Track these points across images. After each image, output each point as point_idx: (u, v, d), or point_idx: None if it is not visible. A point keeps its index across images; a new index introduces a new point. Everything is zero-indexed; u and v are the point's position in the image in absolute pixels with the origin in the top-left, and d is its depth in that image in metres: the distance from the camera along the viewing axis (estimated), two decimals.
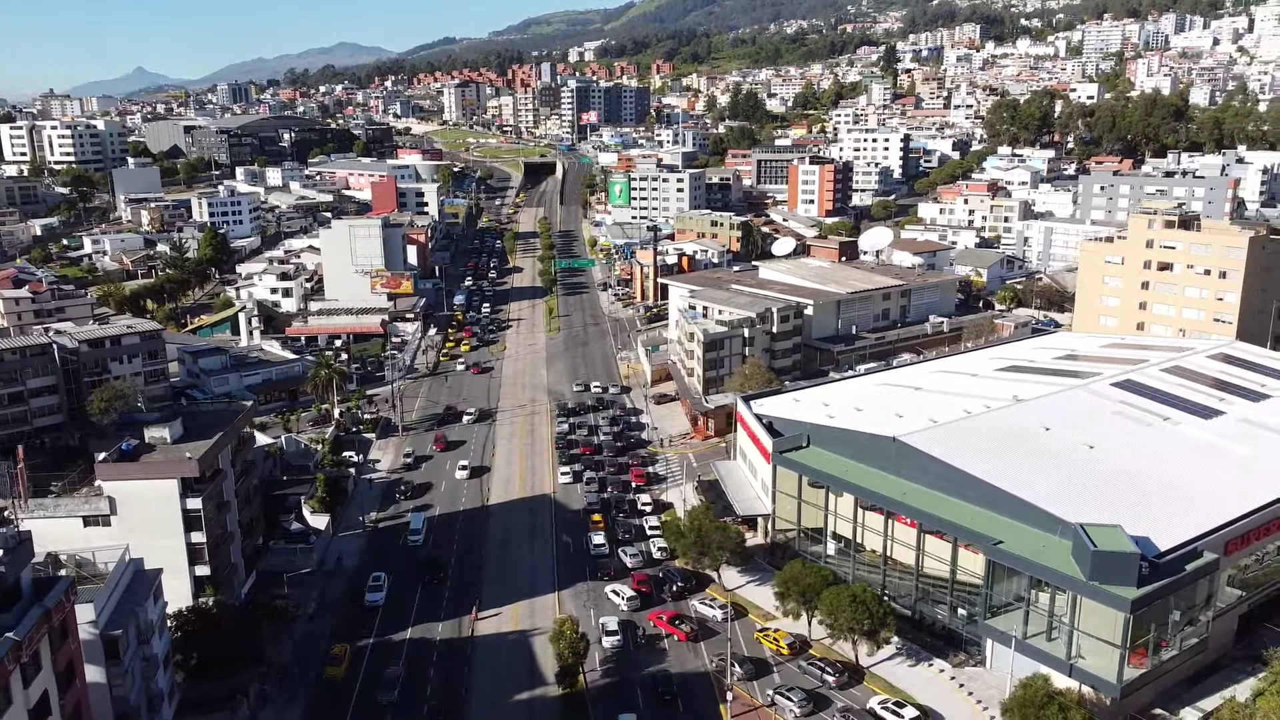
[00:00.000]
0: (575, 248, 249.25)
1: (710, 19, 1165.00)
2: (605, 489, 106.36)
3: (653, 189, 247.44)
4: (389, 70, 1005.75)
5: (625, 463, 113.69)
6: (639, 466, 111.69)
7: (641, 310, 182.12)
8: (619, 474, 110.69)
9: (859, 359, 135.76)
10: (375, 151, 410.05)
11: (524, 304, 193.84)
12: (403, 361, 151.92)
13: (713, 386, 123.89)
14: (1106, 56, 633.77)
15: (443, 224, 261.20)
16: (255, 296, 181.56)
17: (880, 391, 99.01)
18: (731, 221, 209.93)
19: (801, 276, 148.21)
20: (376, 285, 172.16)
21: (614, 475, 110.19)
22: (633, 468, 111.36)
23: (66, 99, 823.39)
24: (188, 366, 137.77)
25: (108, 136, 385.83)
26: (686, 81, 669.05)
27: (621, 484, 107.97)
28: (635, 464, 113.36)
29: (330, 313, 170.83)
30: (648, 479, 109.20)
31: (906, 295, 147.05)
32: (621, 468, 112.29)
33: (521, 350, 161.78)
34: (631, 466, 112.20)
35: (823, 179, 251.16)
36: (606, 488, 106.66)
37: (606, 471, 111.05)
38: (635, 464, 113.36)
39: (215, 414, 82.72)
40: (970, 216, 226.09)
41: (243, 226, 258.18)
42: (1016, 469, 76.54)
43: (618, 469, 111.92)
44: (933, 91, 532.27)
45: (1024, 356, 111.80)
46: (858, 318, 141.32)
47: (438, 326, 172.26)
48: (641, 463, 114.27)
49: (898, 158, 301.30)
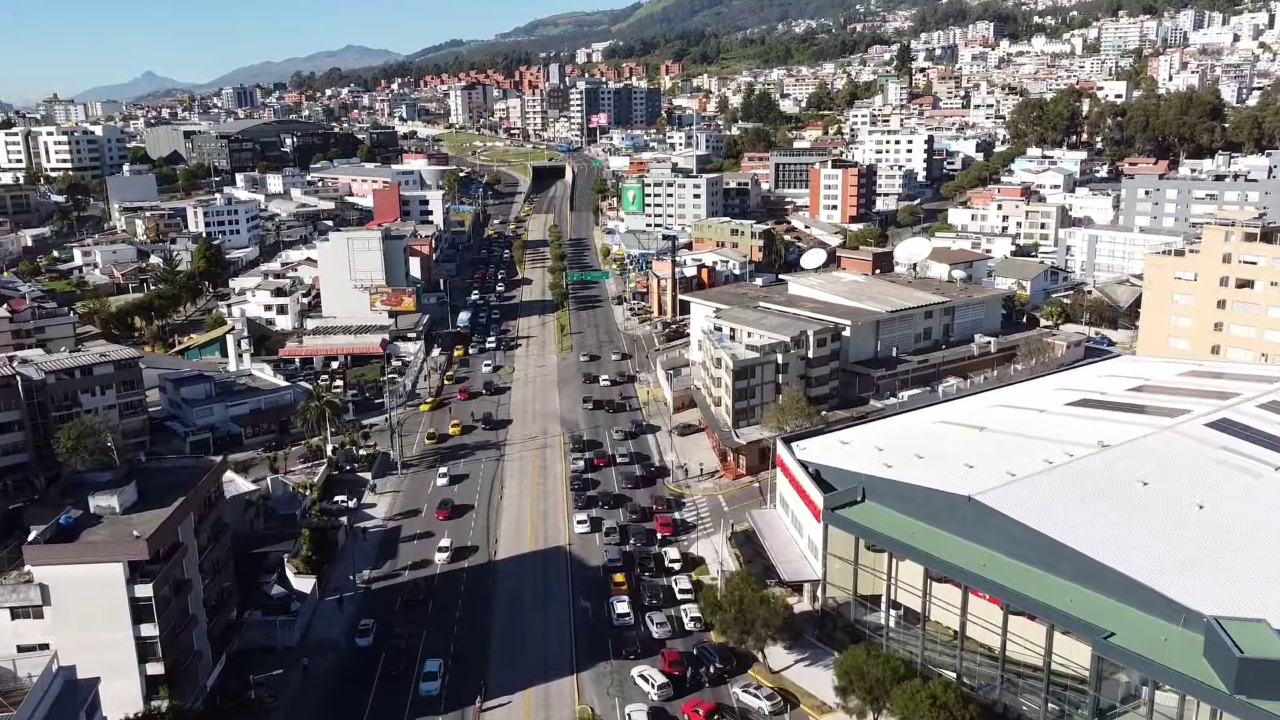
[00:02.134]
0: (587, 257, 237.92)
1: (718, 20, 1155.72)
2: (627, 539, 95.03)
3: (667, 195, 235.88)
4: (395, 73, 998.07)
5: (649, 509, 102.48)
6: (664, 513, 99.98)
7: (659, 327, 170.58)
8: (641, 520, 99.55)
9: (901, 384, 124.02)
10: (380, 156, 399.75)
11: (533, 320, 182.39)
12: (404, 387, 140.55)
13: (743, 418, 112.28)
14: (1125, 54, 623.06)
15: (448, 233, 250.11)
16: (247, 314, 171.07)
17: (939, 432, 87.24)
18: (753, 230, 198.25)
19: (835, 292, 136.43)
20: (376, 303, 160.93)
21: (636, 522, 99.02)
22: (658, 514, 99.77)
23: (70, 104, 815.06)
24: (169, 395, 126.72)
25: (105, 142, 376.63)
26: (697, 82, 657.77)
27: (645, 532, 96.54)
28: (660, 508, 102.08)
29: (327, 332, 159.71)
30: (674, 527, 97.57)
31: (950, 313, 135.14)
32: (644, 513, 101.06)
33: (531, 373, 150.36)
34: (656, 512, 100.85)
35: (846, 183, 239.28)
36: (628, 538, 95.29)
37: (628, 518, 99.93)
38: (660, 508, 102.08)
39: (178, 472, 71.43)
40: (1004, 223, 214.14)
41: (240, 236, 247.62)
42: (1117, 535, 64.73)
43: (640, 515, 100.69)
44: (950, 90, 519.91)
45: (1093, 387, 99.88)
46: (898, 338, 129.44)
47: (442, 346, 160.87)
48: (667, 506, 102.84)
49: (921, 160, 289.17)
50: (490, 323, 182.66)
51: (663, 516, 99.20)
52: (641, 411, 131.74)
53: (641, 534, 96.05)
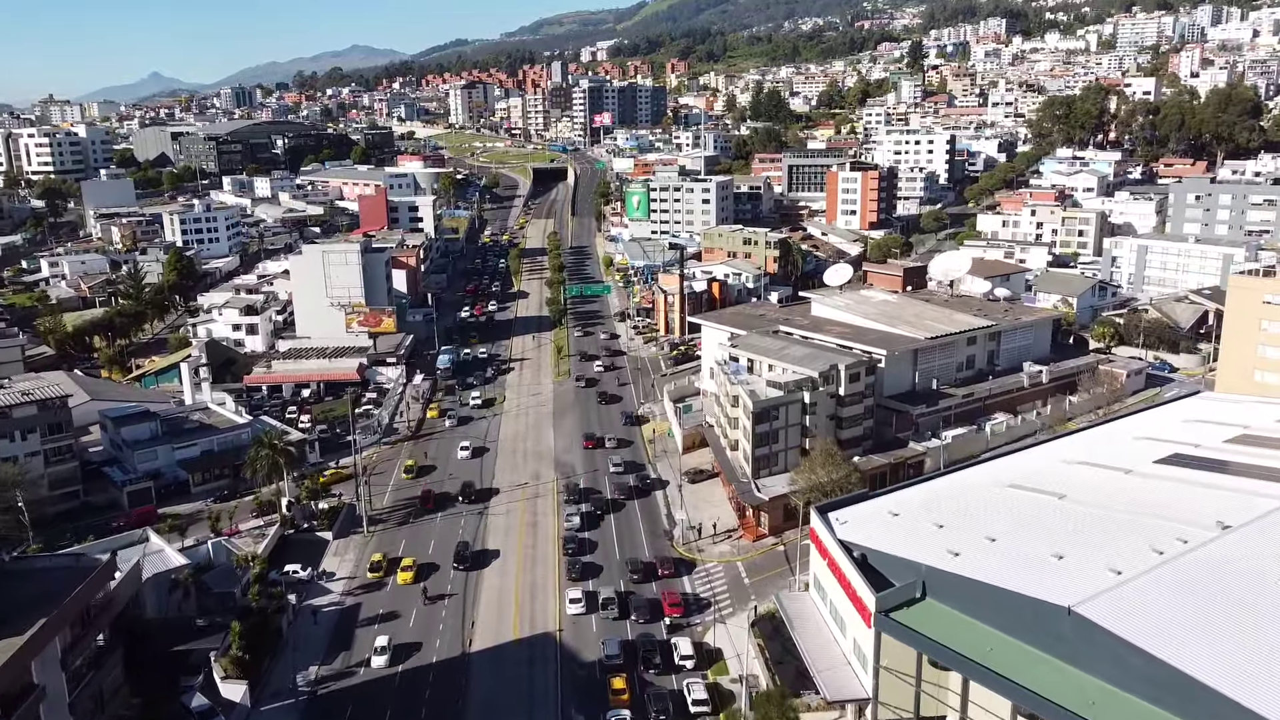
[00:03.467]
0: (588, 267, 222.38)
1: (724, 18, 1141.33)
2: (627, 611, 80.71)
3: (675, 200, 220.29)
4: (397, 72, 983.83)
5: (651, 564, 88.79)
6: (673, 590, 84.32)
7: (666, 348, 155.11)
8: (644, 579, 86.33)
9: (943, 422, 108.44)
10: (375, 158, 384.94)
11: (528, 340, 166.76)
12: (379, 420, 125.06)
13: (765, 467, 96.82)
14: (1142, 50, 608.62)
15: (440, 240, 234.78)
16: (214, 334, 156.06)
17: (1009, 500, 71.59)
18: (767, 239, 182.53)
19: (864, 314, 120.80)
20: (352, 324, 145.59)
21: (638, 582, 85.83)
22: (665, 590, 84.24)
23: (66, 104, 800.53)
24: (109, 435, 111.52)
25: (90, 144, 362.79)
26: (704, 80, 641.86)
27: (649, 606, 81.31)
28: (667, 570, 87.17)
29: (299, 355, 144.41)
30: (685, 605, 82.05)
31: (995, 338, 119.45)
32: (648, 571, 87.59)
33: (524, 402, 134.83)
34: (662, 575, 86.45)
35: (865, 187, 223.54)
36: (629, 611, 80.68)
37: (628, 575, 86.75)
38: (667, 570, 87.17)
39: (50, 576, 56.15)
40: (1038, 230, 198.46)
41: (219, 244, 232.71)
42: (1272, 671, 49.19)
43: (643, 574, 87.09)
44: (965, 88, 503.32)
45: (1182, 437, 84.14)
46: (938, 369, 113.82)
47: (425, 371, 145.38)
48: (674, 570, 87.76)
49: (943, 161, 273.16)
50: (477, 363, 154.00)
51: (673, 597, 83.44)
52: (646, 453, 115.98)
53: (646, 608, 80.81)
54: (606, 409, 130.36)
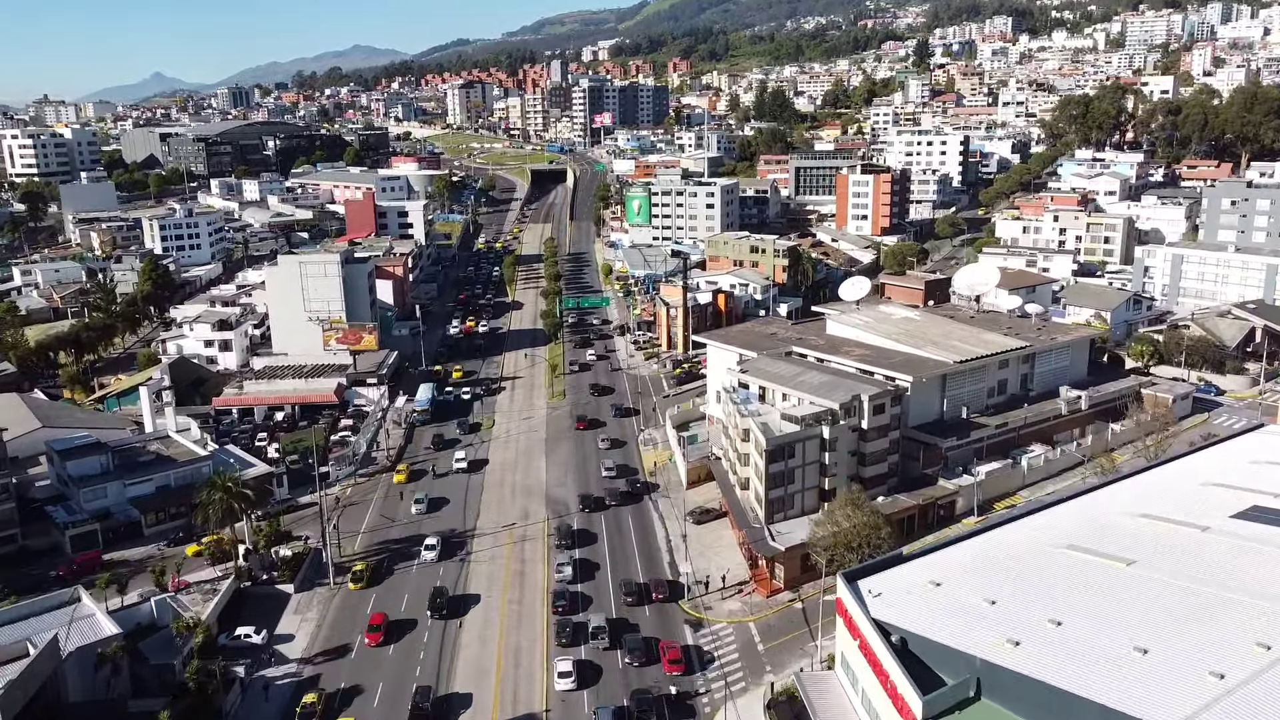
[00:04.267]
0: (586, 275, 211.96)
1: (726, 17, 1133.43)
2: (617, 643, 74.47)
3: (677, 204, 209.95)
4: (397, 72, 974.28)
5: (646, 585, 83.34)
6: (673, 644, 74.73)
7: (669, 365, 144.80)
8: (639, 602, 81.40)
9: (975, 455, 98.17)
10: (369, 159, 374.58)
11: (521, 356, 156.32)
12: (355, 450, 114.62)
13: (779, 510, 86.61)
14: (1152, 48, 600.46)
15: (431, 247, 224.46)
16: (185, 350, 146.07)
17: (1071, 569, 61.21)
18: (776, 246, 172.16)
19: (885, 334, 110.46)
20: (330, 341, 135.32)
21: (633, 605, 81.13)
22: (664, 641, 74.85)
23: (62, 104, 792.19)
24: (56, 469, 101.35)
25: (75, 145, 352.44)
26: (707, 80, 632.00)
27: (644, 648, 74.18)
28: (660, 594, 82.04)
29: (272, 375, 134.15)
30: (687, 661, 72.59)
31: (1029, 360, 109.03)
32: (642, 594, 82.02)
33: (514, 428, 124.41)
34: (656, 599, 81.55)
35: (878, 190, 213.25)
36: (622, 647, 74.24)
37: (623, 596, 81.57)
38: (660, 594, 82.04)
39: None
40: (1061, 236, 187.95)
41: (201, 251, 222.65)
42: None
43: (637, 597, 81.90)
44: (973, 87, 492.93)
45: (1257, 483, 73.71)
46: (968, 395, 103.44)
47: (409, 391, 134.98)
48: (668, 594, 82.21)
49: (956, 163, 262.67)
50: (459, 405, 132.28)
51: (673, 651, 73.80)
52: (646, 486, 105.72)
53: (640, 649, 73.42)
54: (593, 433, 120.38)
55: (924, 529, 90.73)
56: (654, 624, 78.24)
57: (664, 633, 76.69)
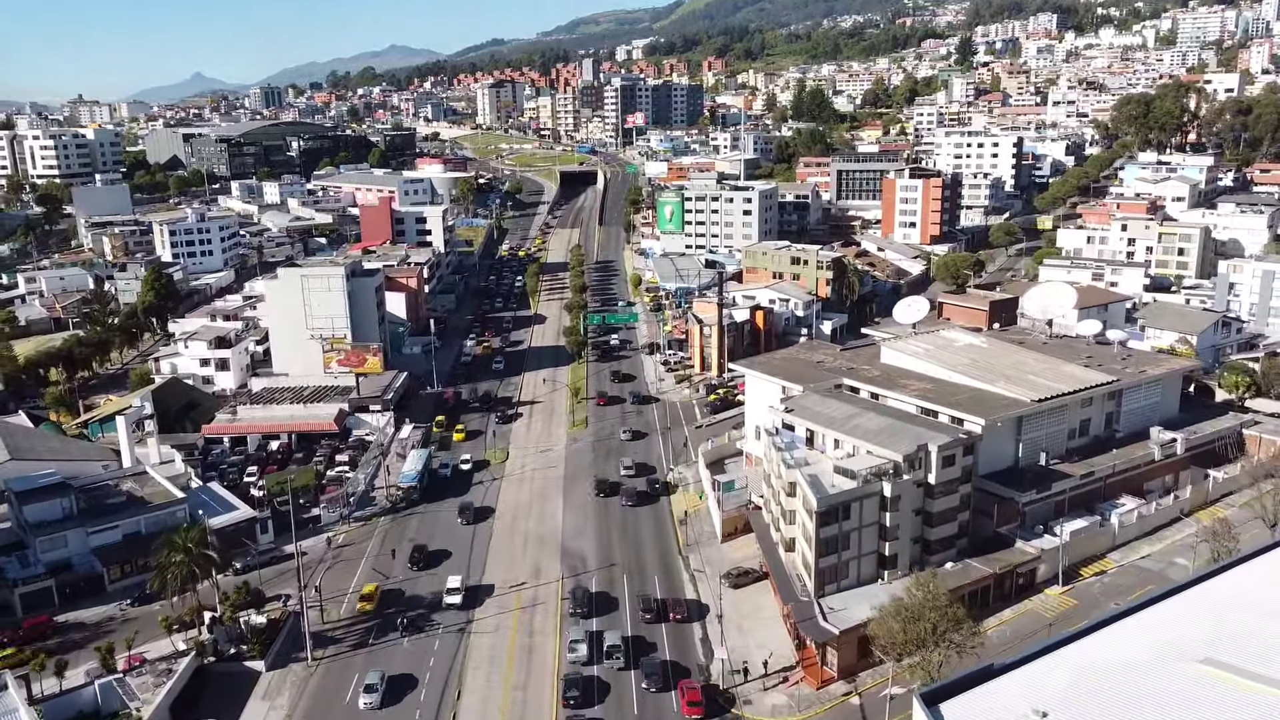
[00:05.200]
0: (614, 286, 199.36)
1: (761, 15, 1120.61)
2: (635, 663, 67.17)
3: (712, 210, 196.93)
4: (430, 72, 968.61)
5: (663, 603, 79.06)
6: (693, 685, 65.14)
7: (702, 390, 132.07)
8: (657, 619, 75.34)
9: (1055, 512, 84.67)
10: (395, 161, 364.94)
11: (541, 377, 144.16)
12: (350, 489, 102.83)
13: (831, 580, 73.72)
14: (1205, 46, 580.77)
15: (451, 254, 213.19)
16: (180, 369, 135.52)
17: (1218, 699, 47.84)
18: (819, 258, 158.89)
19: (947, 364, 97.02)
20: (331, 363, 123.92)
21: (651, 621, 74.72)
22: (683, 682, 64.71)
23: (96, 104, 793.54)
24: (13, 512, 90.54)
25: (98, 146, 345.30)
26: (742, 78, 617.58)
27: (660, 672, 67.25)
28: (679, 614, 77.77)
29: (269, 399, 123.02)
30: (706, 706, 62.65)
31: (1115, 396, 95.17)
32: (660, 611, 77.80)
33: (529, 461, 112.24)
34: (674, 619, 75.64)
35: (928, 196, 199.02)
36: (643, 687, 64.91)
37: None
38: (679, 614, 77.77)
39: None
40: (1130, 248, 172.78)
41: (213, 258, 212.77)
42: None
43: (655, 614, 77.49)
44: (1020, 86, 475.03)
45: None
46: (1047, 437, 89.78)
47: (417, 418, 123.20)
48: (687, 614, 76.89)
49: (1009, 166, 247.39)
50: (456, 475, 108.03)
51: (692, 692, 65.51)
52: (676, 538, 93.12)
53: (656, 673, 66.28)
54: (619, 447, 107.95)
55: (1001, 601, 77.63)
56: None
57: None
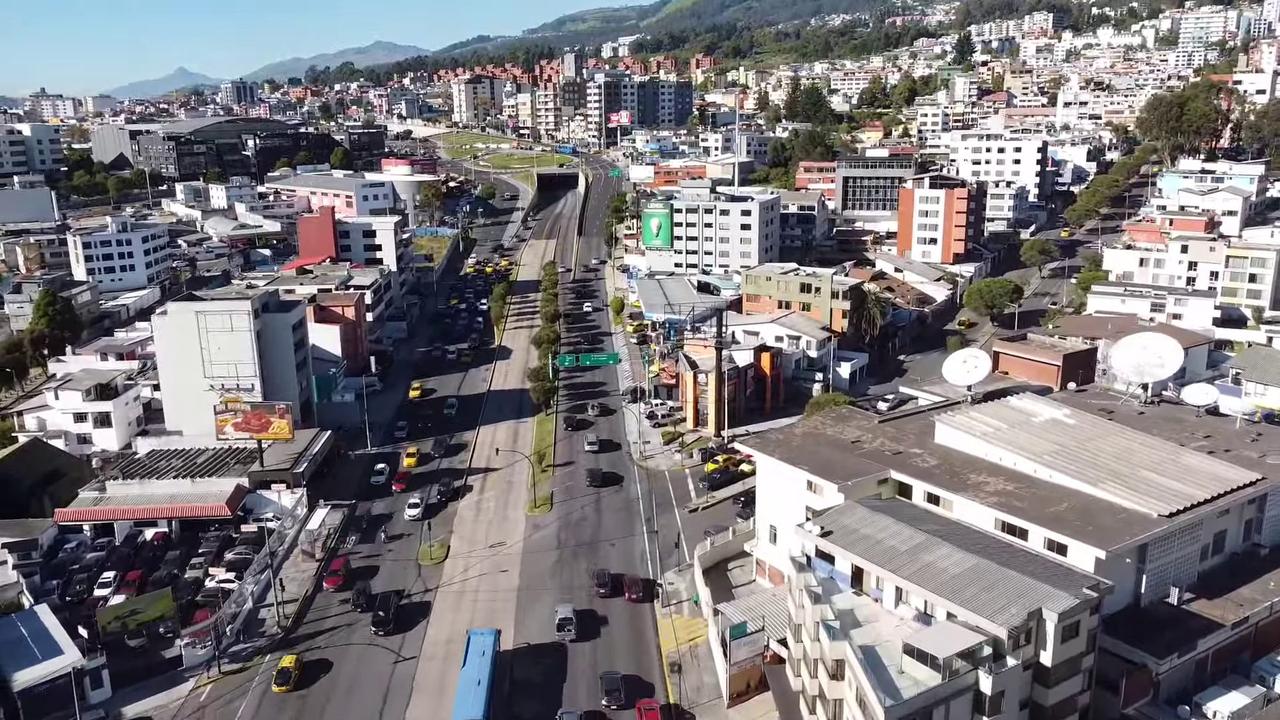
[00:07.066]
0: (593, 310, 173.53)
1: (749, 14, 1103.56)
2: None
3: (705, 224, 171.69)
4: (410, 67, 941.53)
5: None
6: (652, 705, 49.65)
7: (697, 456, 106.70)
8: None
9: (1196, 675, 59.91)
10: (360, 161, 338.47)
11: (501, 432, 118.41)
12: (230, 612, 76.69)
13: None
14: (1209, 46, 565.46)
15: (408, 272, 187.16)
16: (50, 424, 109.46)
17: None
18: (834, 284, 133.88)
19: (1029, 450, 72.03)
20: (225, 427, 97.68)
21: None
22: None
23: (59, 99, 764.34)
24: None
25: (35, 144, 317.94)
26: (733, 76, 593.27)
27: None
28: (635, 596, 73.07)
29: (146, 471, 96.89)
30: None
31: (1258, 501, 70.35)
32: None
33: (474, 560, 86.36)
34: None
35: (950, 208, 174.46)
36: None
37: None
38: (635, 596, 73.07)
39: None
40: (1191, 272, 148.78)
41: (135, 274, 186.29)
42: None
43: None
44: (1025, 86, 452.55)
45: None
46: (1176, 564, 65.02)
47: (339, 493, 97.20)
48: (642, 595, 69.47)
49: (1033, 174, 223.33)
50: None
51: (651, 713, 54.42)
52: (667, 693, 67.67)
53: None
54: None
55: None
56: None
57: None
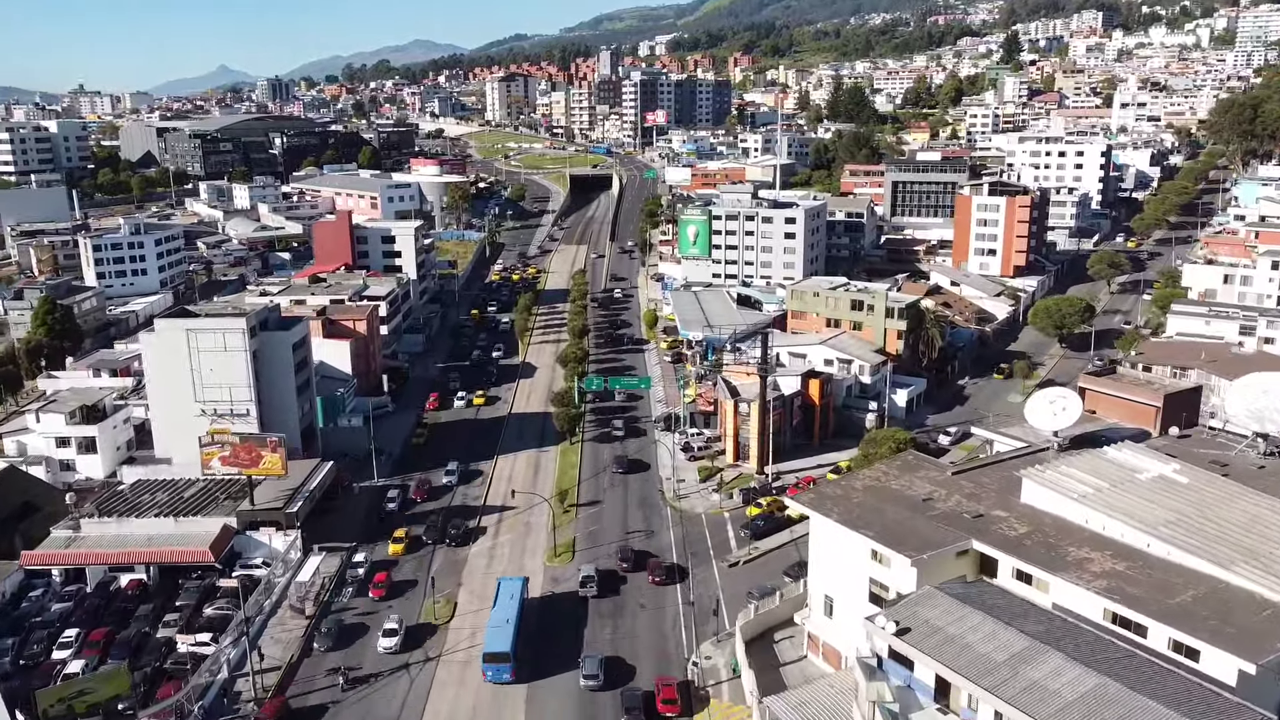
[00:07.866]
0: (626, 323, 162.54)
1: (787, 13, 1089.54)
2: None
3: (746, 233, 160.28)
4: (446, 66, 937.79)
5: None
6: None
7: (736, 497, 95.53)
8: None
9: None
10: (390, 160, 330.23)
11: (520, 464, 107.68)
12: (200, 685, 66.72)
13: None
14: (1269, 45, 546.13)
15: (429, 278, 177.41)
16: (30, 449, 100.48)
17: None
18: (889, 302, 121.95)
19: (1138, 517, 60.18)
20: (211, 461, 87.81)
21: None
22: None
23: (97, 95, 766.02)
24: None
25: (61, 141, 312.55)
26: (772, 75, 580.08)
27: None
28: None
29: (126, 508, 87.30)
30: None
31: None
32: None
33: (482, 621, 75.76)
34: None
35: (1012, 216, 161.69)
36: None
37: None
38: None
39: None
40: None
41: (147, 278, 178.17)
42: None
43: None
44: (1077, 86, 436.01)
45: None
46: None
47: (337, 533, 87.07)
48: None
49: (1096, 179, 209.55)
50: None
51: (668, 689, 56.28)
52: None
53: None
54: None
55: None
56: None
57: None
